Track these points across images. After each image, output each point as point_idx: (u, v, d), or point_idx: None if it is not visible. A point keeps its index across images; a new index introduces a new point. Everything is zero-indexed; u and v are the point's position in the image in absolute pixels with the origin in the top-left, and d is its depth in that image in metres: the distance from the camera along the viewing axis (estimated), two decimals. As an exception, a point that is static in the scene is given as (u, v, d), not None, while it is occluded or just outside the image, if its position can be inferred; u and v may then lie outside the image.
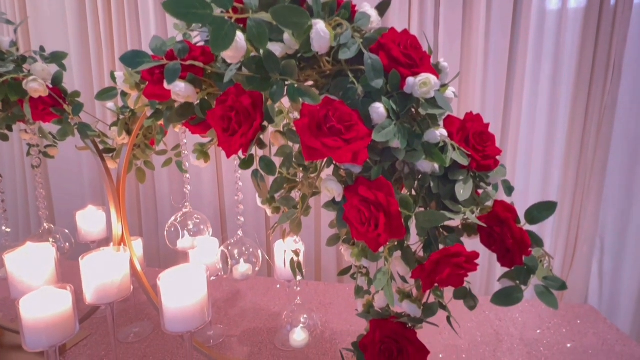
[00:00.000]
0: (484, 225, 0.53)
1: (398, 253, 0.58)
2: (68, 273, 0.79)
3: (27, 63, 0.71)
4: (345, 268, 0.78)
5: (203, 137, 0.76)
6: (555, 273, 1.02)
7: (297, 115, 0.56)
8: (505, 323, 0.99)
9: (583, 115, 1.38)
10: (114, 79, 0.66)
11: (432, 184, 0.54)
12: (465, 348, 0.89)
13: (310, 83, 0.52)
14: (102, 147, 0.80)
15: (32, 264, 0.70)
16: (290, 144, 0.55)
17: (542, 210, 0.49)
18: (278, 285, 1.19)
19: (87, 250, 1.01)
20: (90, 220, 1.00)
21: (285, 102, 0.49)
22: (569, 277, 1.49)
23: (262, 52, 0.43)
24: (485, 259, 1.54)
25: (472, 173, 0.55)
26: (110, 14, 1.56)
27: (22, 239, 1.66)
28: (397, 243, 0.58)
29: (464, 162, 0.50)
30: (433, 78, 0.47)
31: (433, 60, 0.54)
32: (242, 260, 0.73)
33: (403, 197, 0.47)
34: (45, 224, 0.86)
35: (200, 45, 0.52)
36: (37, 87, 0.62)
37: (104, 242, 1.05)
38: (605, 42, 1.30)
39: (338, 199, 0.52)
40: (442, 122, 0.56)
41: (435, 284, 0.53)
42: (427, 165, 0.52)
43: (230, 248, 0.73)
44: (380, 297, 0.63)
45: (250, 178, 0.52)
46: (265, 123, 0.47)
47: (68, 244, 0.92)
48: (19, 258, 0.70)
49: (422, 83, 0.47)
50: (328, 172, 0.59)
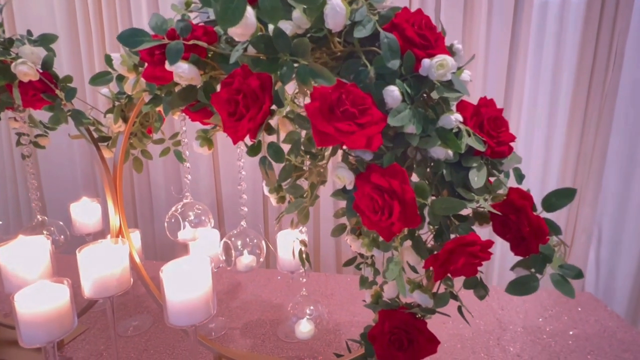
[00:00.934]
0: (499, 214, 0.51)
1: (408, 242, 0.57)
2: (63, 266, 0.77)
3: (14, 46, 0.67)
4: (350, 259, 0.77)
5: (204, 123, 0.73)
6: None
7: (301, 101, 0.53)
8: (508, 312, 0.99)
9: (584, 105, 1.37)
10: (109, 63, 0.63)
11: (444, 172, 0.52)
12: (469, 337, 0.89)
13: (319, 65, 0.49)
14: (96, 135, 0.76)
15: (26, 257, 0.67)
16: (299, 130, 0.52)
17: (560, 198, 0.47)
18: (279, 277, 1.18)
19: (82, 243, 0.98)
20: (85, 212, 0.97)
21: (289, 87, 0.47)
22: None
23: (271, 30, 0.40)
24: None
25: (485, 160, 0.54)
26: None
27: (12, 232, 1.62)
28: (407, 232, 0.56)
29: (481, 148, 0.49)
30: (450, 60, 0.45)
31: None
32: (245, 252, 0.71)
33: (419, 184, 0.45)
34: (39, 216, 0.83)
35: (202, 25, 0.49)
36: (26, 70, 0.59)
37: (99, 234, 1.02)
38: (607, 31, 1.28)
39: (349, 187, 0.50)
40: (454, 107, 0.54)
41: (447, 274, 0.52)
42: (440, 152, 0.50)
43: (234, 239, 0.71)
44: (390, 287, 0.61)
45: (252, 167, 0.50)
46: (274, 107, 0.45)
47: (63, 237, 0.89)
48: (13, 251, 0.67)
49: (439, 65, 0.45)
50: (334, 159, 0.57)
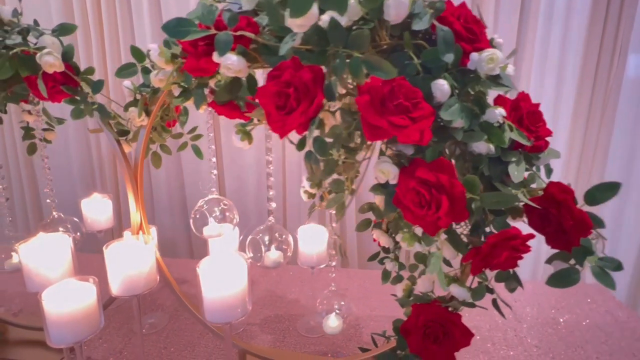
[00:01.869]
0: (538, 207, 0.52)
1: (443, 236, 0.57)
2: (80, 264, 0.75)
3: (30, 36, 0.64)
4: (375, 254, 0.77)
5: (230, 117, 0.71)
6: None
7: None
8: (522, 304, 1.01)
9: (588, 102, 1.39)
10: (137, 54, 0.61)
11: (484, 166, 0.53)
12: (487, 329, 0.90)
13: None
14: (115, 129, 0.74)
15: (48, 255, 0.64)
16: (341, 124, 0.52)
17: (603, 191, 0.48)
18: (291, 272, 1.17)
19: (93, 240, 0.96)
20: (97, 208, 0.94)
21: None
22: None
23: (327, 21, 0.39)
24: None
25: (522, 154, 0.54)
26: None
27: (21, 229, 1.55)
28: (442, 226, 0.56)
29: (526, 142, 0.49)
30: (499, 54, 0.45)
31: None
32: (273, 248, 0.70)
33: (469, 178, 0.45)
34: (54, 212, 0.80)
35: (245, 16, 0.48)
36: (52, 61, 0.56)
37: (111, 231, 1.00)
38: (612, 28, 1.30)
39: (393, 182, 0.49)
40: (491, 101, 0.54)
41: (488, 268, 0.53)
42: (483, 146, 0.50)
43: (261, 235, 0.70)
44: (424, 281, 0.62)
45: (257, 161, 0.49)
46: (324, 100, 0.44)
47: (79, 234, 0.87)
48: (34, 249, 0.65)
49: (489, 59, 0.45)
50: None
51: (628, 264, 1.47)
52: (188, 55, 0.46)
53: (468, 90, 0.49)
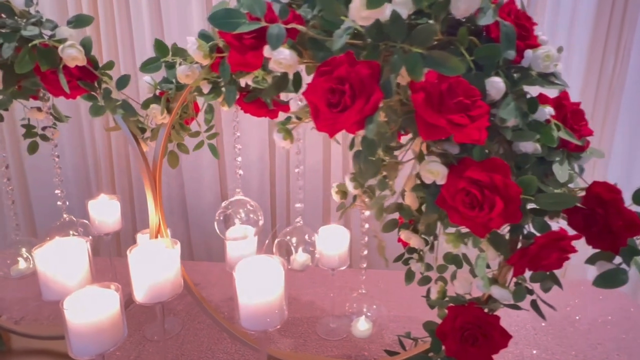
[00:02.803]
0: (584, 207, 0.51)
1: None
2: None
3: (43, 27, 0.60)
4: (400, 255, 0.76)
5: (258, 115, 0.69)
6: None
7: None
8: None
9: (592, 102, 1.42)
10: (161, 48, 0.58)
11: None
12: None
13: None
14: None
15: (65, 261, 0.61)
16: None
17: (653, 191, 0.48)
18: (305, 273, 1.15)
19: (99, 244, 0.92)
20: (104, 211, 0.90)
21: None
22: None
23: (388, 14, 0.37)
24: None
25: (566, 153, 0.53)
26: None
27: (25, 232, 1.46)
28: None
29: (576, 141, 0.48)
30: (554, 51, 0.44)
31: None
32: (300, 250, 0.68)
33: (526, 179, 0.44)
34: (65, 215, 0.76)
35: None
36: (75, 54, 0.52)
37: (118, 234, 0.96)
38: (616, 29, 1.32)
39: (441, 182, 0.48)
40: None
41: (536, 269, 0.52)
42: (530, 146, 0.49)
43: (288, 237, 0.67)
44: (461, 283, 0.61)
45: (260, 160, 0.47)
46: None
47: (91, 237, 0.82)
48: (50, 255, 0.61)
49: (545, 56, 0.44)
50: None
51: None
52: (231, 49, 0.44)
53: (521, 88, 0.48)
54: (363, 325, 0.73)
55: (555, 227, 0.51)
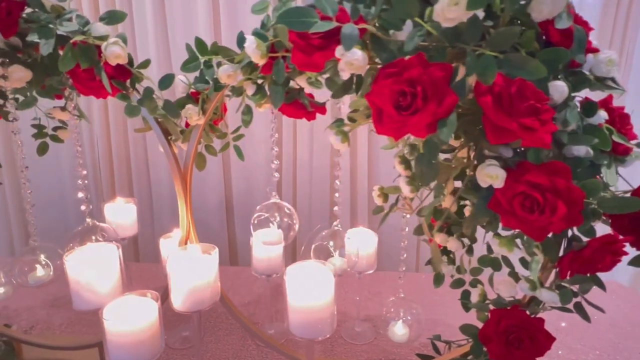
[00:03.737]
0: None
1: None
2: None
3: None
4: (431, 258, 0.75)
5: (295, 116, 0.68)
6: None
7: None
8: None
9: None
10: (202, 47, 0.56)
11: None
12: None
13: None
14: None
15: (97, 268, 0.58)
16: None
17: None
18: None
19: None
20: (121, 214, 0.87)
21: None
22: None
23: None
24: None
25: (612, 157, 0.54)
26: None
27: (39, 237, 1.36)
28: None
29: (629, 144, 0.49)
30: (616, 56, 0.45)
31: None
32: (337, 254, 0.67)
33: (590, 182, 0.45)
34: (89, 220, 0.72)
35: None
36: (119, 51, 0.50)
37: (134, 239, 0.93)
38: (619, 31, 1.36)
39: (499, 185, 0.48)
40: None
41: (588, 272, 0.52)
42: (583, 149, 0.49)
43: (325, 242, 0.66)
44: (506, 286, 0.61)
45: (266, 161, 0.46)
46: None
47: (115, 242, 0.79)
48: (81, 261, 0.58)
49: (608, 61, 0.44)
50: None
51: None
52: (295, 49, 0.43)
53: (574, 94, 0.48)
54: (400, 330, 0.72)
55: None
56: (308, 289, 0.51)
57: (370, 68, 0.45)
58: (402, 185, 0.52)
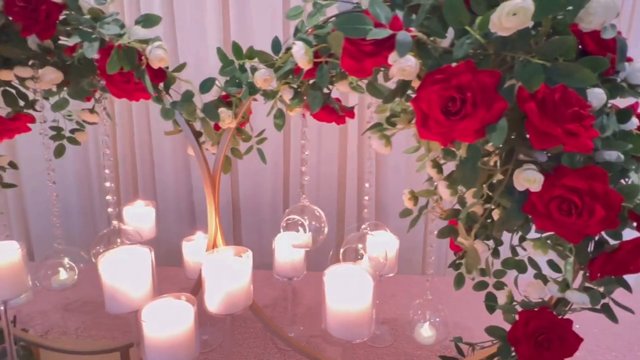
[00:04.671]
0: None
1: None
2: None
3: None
4: (454, 261, 0.76)
5: (327, 121, 0.68)
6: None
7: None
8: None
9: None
10: (238, 51, 0.56)
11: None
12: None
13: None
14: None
15: (131, 271, 0.57)
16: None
17: None
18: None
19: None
20: (140, 217, 0.86)
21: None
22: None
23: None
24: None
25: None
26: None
27: (62, 240, 1.33)
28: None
29: (660, 150, 0.50)
30: (651, 64, 0.46)
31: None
32: (366, 257, 0.67)
33: (627, 186, 0.46)
34: (115, 222, 0.72)
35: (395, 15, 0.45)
36: (163, 54, 0.50)
37: (152, 242, 0.92)
38: (624, 27, 1.39)
39: (537, 189, 0.49)
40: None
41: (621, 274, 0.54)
42: (614, 154, 0.51)
43: (355, 245, 0.67)
44: (535, 288, 0.62)
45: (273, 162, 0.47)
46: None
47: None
48: (115, 264, 0.57)
49: (644, 69, 0.46)
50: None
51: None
52: (344, 55, 0.43)
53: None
54: (427, 332, 0.73)
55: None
56: (347, 292, 0.52)
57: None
58: (441, 190, 0.53)
